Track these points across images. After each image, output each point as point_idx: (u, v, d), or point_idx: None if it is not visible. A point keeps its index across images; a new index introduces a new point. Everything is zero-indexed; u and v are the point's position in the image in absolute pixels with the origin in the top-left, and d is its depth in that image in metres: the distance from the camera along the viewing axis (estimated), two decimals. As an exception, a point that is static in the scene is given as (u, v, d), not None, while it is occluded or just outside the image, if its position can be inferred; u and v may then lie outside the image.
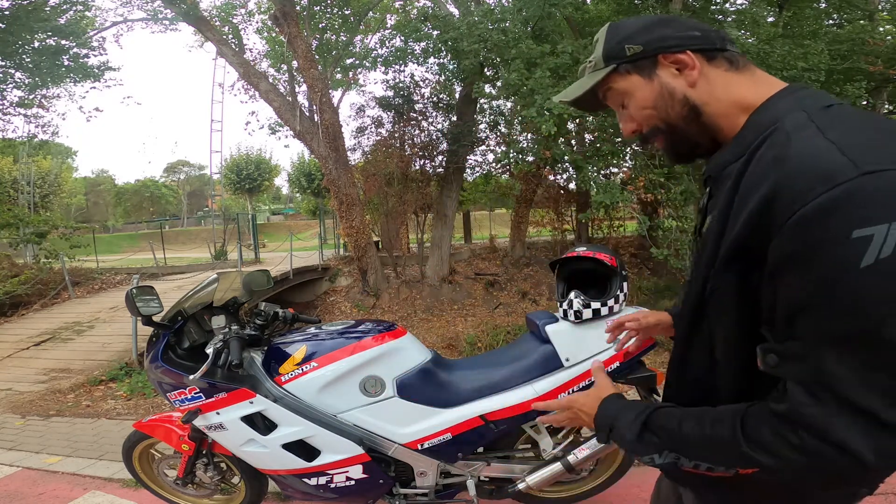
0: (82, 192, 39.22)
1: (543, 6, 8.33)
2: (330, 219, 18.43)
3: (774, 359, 0.58)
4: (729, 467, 0.63)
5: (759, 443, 0.58)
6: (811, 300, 0.53)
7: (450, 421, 1.77)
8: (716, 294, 0.64)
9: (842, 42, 9.10)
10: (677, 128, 0.71)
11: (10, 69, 10.67)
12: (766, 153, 0.59)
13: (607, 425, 0.79)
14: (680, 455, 0.67)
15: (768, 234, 0.54)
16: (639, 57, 0.71)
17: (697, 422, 0.65)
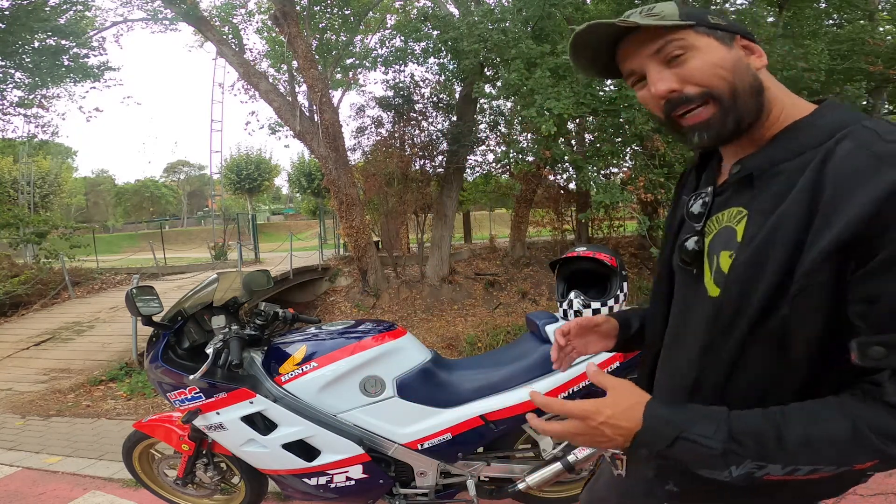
0: (82, 192, 39.22)
1: (543, 6, 8.34)
2: (330, 219, 18.43)
3: (880, 350, 0.57)
4: (842, 465, 0.61)
5: (885, 432, 0.58)
6: None
7: (450, 421, 1.77)
8: (806, 292, 0.61)
9: (842, 42, 9.09)
10: (741, 97, 0.68)
11: (10, 69, 10.67)
12: (856, 149, 0.59)
13: (672, 435, 0.64)
14: (769, 463, 0.61)
15: (887, 226, 0.55)
16: (720, 27, 0.70)
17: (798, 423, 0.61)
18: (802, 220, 0.61)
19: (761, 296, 0.64)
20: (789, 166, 0.65)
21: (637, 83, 0.75)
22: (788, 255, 0.61)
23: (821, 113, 0.67)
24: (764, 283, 0.64)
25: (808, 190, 0.61)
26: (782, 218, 0.63)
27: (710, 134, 0.69)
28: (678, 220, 0.85)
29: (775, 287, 0.63)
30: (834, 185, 0.59)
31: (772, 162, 0.67)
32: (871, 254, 0.56)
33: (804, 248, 0.60)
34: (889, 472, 2.33)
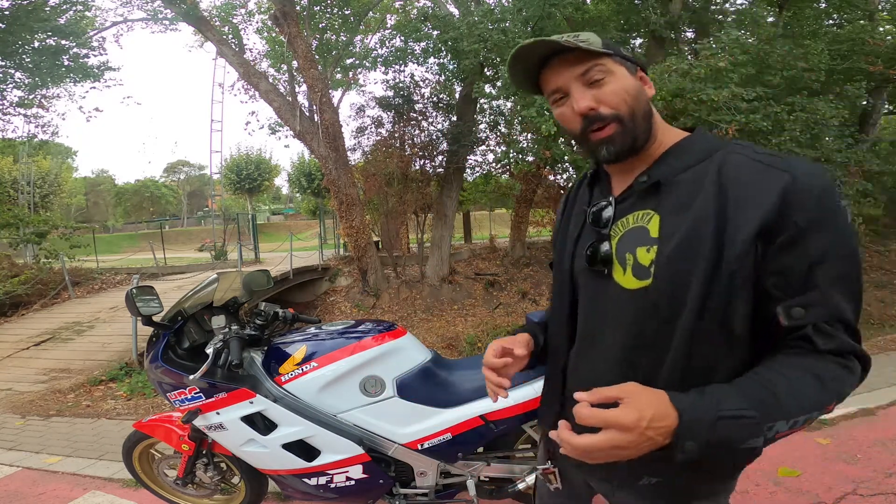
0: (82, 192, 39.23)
1: (543, 6, 8.34)
2: (330, 219, 18.43)
3: (800, 311, 0.70)
4: (819, 411, 0.70)
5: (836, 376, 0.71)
6: (825, 253, 0.70)
7: (450, 421, 1.77)
8: (738, 273, 0.72)
9: (842, 42, 9.09)
10: (637, 120, 0.81)
11: (10, 69, 10.67)
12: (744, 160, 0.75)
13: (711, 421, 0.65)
14: (776, 421, 0.67)
15: (790, 212, 0.69)
16: (628, 59, 0.84)
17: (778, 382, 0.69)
18: (717, 216, 0.73)
19: (700, 282, 0.73)
20: (685, 176, 0.79)
21: (558, 101, 0.85)
22: (715, 245, 0.72)
23: (695, 138, 0.83)
24: (699, 270, 0.73)
25: (714, 192, 0.74)
26: (700, 215, 0.74)
27: (614, 148, 0.81)
28: (578, 229, 0.93)
29: (710, 272, 0.72)
30: (738, 187, 0.73)
31: (673, 172, 0.80)
32: (778, 235, 0.70)
33: (726, 238, 0.72)
34: (889, 473, 2.33)
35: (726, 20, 10.71)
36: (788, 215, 0.69)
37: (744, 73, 7.42)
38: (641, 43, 12.06)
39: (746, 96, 6.88)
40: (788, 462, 2.50)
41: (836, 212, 0.70)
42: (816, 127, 7.38)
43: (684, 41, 11.65)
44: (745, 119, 6.83)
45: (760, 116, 6.88)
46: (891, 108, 12.64)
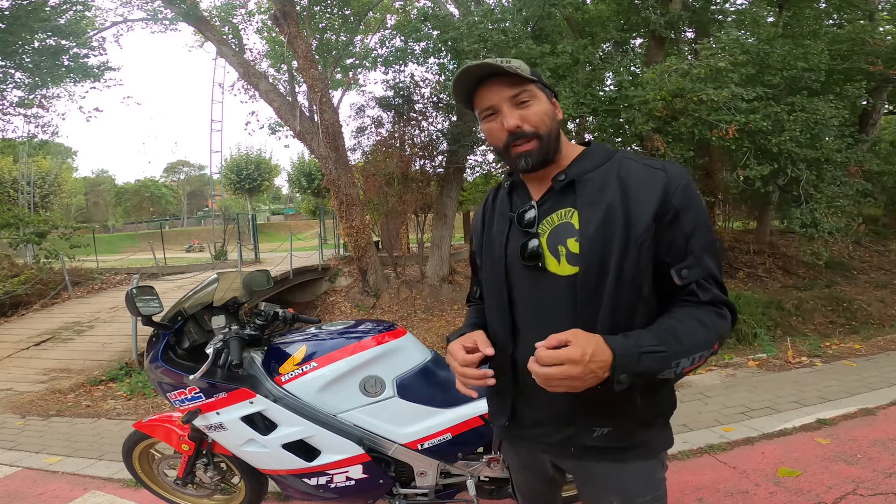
0: (82, 192, 39.24)
1: (543, 6, 8.34)
2: (330, 219, 18.43)
3: (686, 272, 0.92)
4: (709, 350, 0.90)
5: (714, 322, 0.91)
6: (695, 225, 0.92)
7: (450, 421, 1.77)
8: (643, 247, 0.91)
9: (842, 42, 9.09)
10: (551, 138, 0.98)
11: (10, 69, 10.67)
12: (633, 162, 0.97)
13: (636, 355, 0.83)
14: (681, 358, 0.86)
15: (669, 199, 0.91)
16: (547, 87, 1.01)
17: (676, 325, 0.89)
18: (622, 205, 0.92)
19: (616, 257, 0.91)
20: (592, 175, 0.97)
21: (487, 117, 1.00)
22: (624, 227, 0.91)
23: (595, 147, 1.03)
24: (615, 248, 0.91)
25: (618, 188, 0.93)
26: (609, 207, 0.92)
27: (532, 160, 0.98)
28: (505, 232, 1.06)
29: (623, 249, 0.91)
30: (635, 184, 0.93)
31: (583, 172, 0.98)
32: (664, 217, 0.91)
33: (631, 222, 0.91)
34: (889, 473, 2.33)
35: (726, 20, 10.71)
36: (669, 201, 0.91)
37: (744, 73, 7.42)
38: (641, 43, 12.06)
39: (746, 96, 6.88)
40: (788, 462, 2.50)
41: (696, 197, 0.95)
42: (816, 127, 7.38)
43: (684, 41, 11.66)
44: (745, 119, 6.83)
45: (760, 116, 6.88)
46: (891, 108, 12.64)
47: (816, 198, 7.48)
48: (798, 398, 3.31)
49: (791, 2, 10.51)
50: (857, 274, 11.38)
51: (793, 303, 9.66)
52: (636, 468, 1.01)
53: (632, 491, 1.02)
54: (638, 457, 1.00)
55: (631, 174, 0.94)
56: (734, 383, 3.74)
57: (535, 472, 1.15)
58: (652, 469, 1.03)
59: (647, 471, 1.02)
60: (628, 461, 1.00)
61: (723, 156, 10.31)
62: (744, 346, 7.39)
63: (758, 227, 14.22)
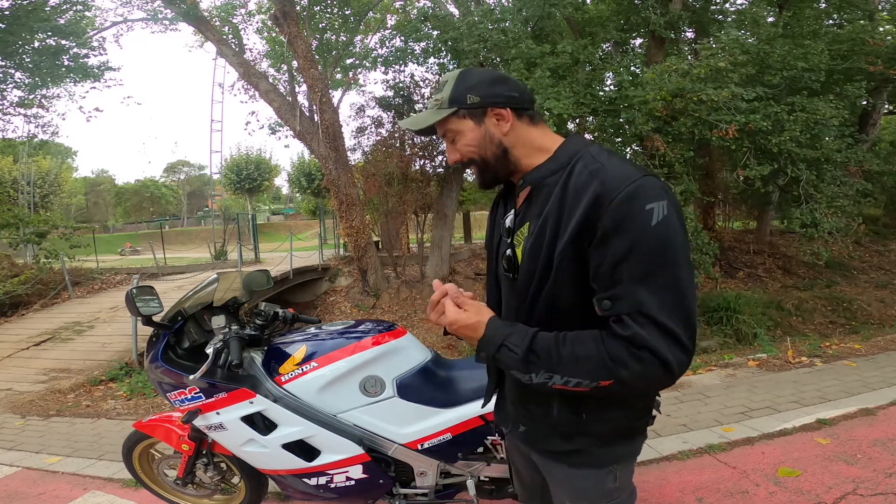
0: (82, 192, 39.22)
1: (543, 6, 8.33)
2: (330, 219, 18.42)
3: (608, 303, 0.83)
4: (592, 381, 0.84)
5: (616, 358, 0.81)
6: (627, 252, 0.80)
7: (450, 421, 1.77)
8: (563, 264, 0.87)
9: (842, 42, 9.09)
10: (489, 162, 0.99)
11: (10, 69, 10.66)
12: (583, 168, 0.88)
13: (497, 344, 0.90)
14: (553, 374, 0.86)
15: (599, 215, 0.81)
16: (475, 106, 0.96)
17: (570, 344, 0.86)
18: (556, 219, 0.87)
19: (539, 272, 0.90)
20: (551, 180, 0.92)
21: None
22: (553, 240, 0.87)
23: (566, 144, 0.97)
24: (540, 264, 0.90)
25: (559, 197, 0.88)
26: (547, 217, 0.89)
27: (481, 181, 1.03)
28: (498, 238, 1.08)
29: (545, 266, 0.89)
30: (571, 194, 0.86)
31: (541, 178, 0.94)
32: (592, 237, 0.83)
33: (557, 238, 0.86)
34: (889, 473, 2.33)
35: (726, 20, 10.71)
36: (595, 220, 0.82)
37: (744, 73, 7.42)
38: (641, 43, 12.06)
39: (746, 96, 6.88)
40: (788, 462, 2.50)
41: (637, 215, 0.80)
42: (816, 127, 7.38)
43: (684, 41, 11.66)
44: (745, 119, 6.83)
45: (760, 116, 6.87)
46: (891, 108, 12.64)
47: (816, 198, 7.48)
48: (798, 398, 3.31)
49: (791, 2, 10.51)
50: (857, 274, 11.38)
51: (793, 303, 9.66)
52: (585, 474, 1.02)
53: (582, 494, 1.03)
54: (584, 464, 1.01)
55: (574, 181, 0.87)
56: (734, 383, 3.74)
57: (531, 465, 1.17)
58: (602, 478, 1.01)
59: (597, 479, 1.01)
60: (576, 466, 1.01)
61: (723, 156, 10.30)
62: (744, 346, 7.39)
63: (758, 227, 14.23)
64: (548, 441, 1.01)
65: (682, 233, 0.83)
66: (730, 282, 10.83)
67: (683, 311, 0.80)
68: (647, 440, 1.12)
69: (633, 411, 1.00)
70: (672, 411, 3.23)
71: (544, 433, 1.01)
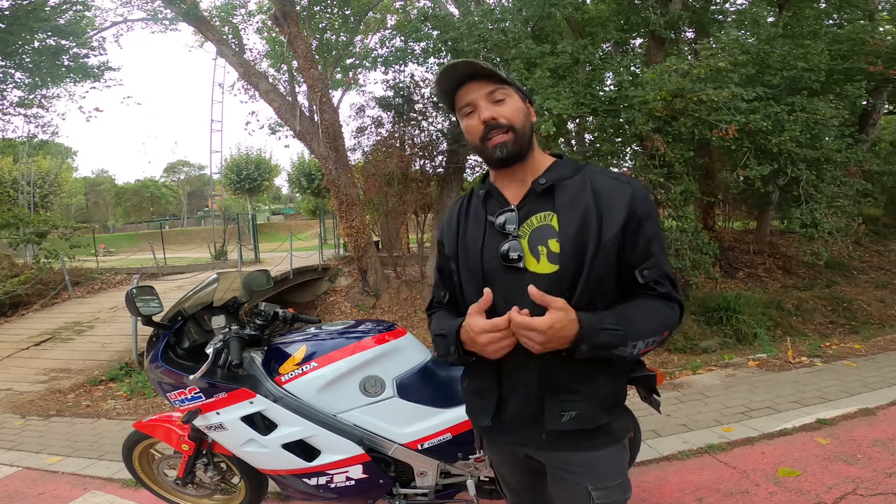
0: (82, 192, 39.21)
1: (543, 6, 8.33)
2: (330, 219, 18.42)
3: (648, 272, 1.05)
4: (660, 336, 1.04)
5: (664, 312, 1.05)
6: (654, 233, 1.06)
7: (450, 421, 1.77)
8: (612, 248, 1.02)
9: (842, 42, 9.09)
10: (525, 133, 1.10)
11: (10, 69, 10.66)
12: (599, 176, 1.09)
13: (598, 329, 0.97)
14: (639, 340, 1.00)
15: (636, 208, 1.04)
16: (523, 92, 1.15)
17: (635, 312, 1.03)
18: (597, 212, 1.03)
19: (590, 257, 1.02)
20: (569, 182, 1.08)
21: (468, 114, 1.10)
22: (598, 232, 1.02)
23: (566, 160, 1.15)
24: (590, 249, 1.02)
25: (592, 197, 1.05)
26: (586, 212, 1.03)
27: (507, 150, 1.08)
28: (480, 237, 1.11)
29: (595, 250, 1.02)
30: (606, 195, 1.05)
31: (561, 179, 1.09)
32: (630, 224, 1.03)
33: (603, 227, 1.02)
34: (889, 473, 2.33)
35: (726, 20, 10.70)
36: (635, 211, 1.04)
37: (744, 73, 7.42)
38: (641, 43, 12.06)
39: (746, 96, 6.87)
40: (788, 462, 2.50)
41: (654, 208, 1.09)
42: (816, 127, 7.38)
43: (684, 41, 11.65)
44: (745, 119, 6.83)
45: (760, 116, 6.87)
46: (891, 108, 12.64)
47: (816, 198, 7.47)
48: (798, 398, 3.31)
49: (791, 2, 10.50)
50: (857, 274, 11.38)
51: (793, 303, 9.66)
52: (607, 454, 1.11)
53: (604, 476, 1.10)
54: (606, 443, 1.10)
55: (603, 186, 1.06)
56: (734, 383, 3.74)
57: (519, 466, 1.22)
58: (620, 453, 1.13)
59: (617, 455, 1.12)
60: (599, 448, 1.10)
61: (723, 156, 10.30)
62: (744, 346, 7.39)
63: (758, 227, 14.22)
64: (597, 417, 1.08)
65: None
66: (730, 282, 10.83)
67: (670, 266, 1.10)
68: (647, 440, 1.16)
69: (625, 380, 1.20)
70: (672, 411, 3.23)
71: (595, 410, 1.08)
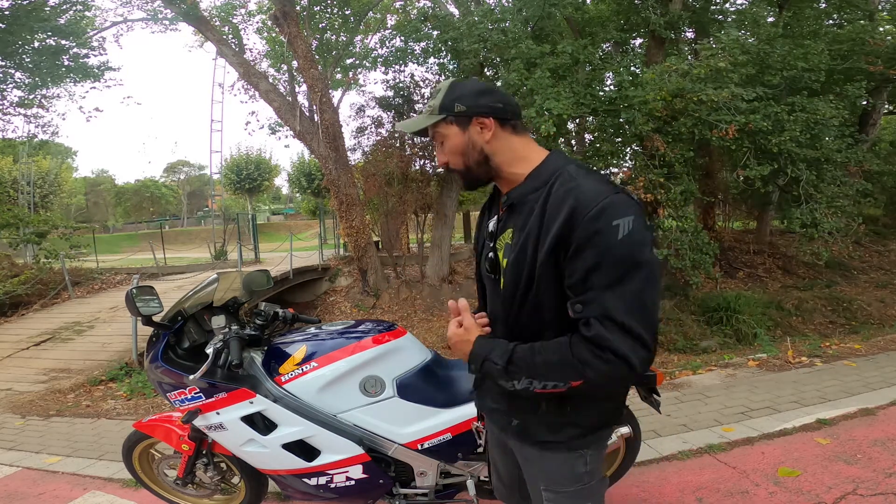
0: (82, 192, 39.20)
1: (543, 6, 8.33)
2: (330, 219, 18.41)
3: (579, 307, 0.92)
4: (565, 383, 0.95)
5: (583, 360, 0.91)
6: (596, 262, 0.89)
7: (450, 421, 1.77)
8: (544, 275, 0.96)
9: (842, 42, 9.09)
10: (472, 168, 1.09)
11: (10, 69, 10.66)
12: (560, 186, 0.97)
13: (482, 358, 1.03)
14: (533, 379, 0.97)
15: (573, 229, 0.91)
16: (461, 114, 1.06)
17: (543, 352, 0.96)
18: (537, 232, 0.96)
19: (523, 282, 0.99)
20: (532, 197, 1.01)
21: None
22: (534, 254, 0.96)
23: (548, 161, 1.05)
24: (524, 273, 0.99)
25: (540, 214, 0.97)
26: (529, 231, 0.98)
27: (464, 184, 1.15)
28: (482, 241, 1.18)
29: (528, 275, 0.98)
30: (550, 210, 0.95)
31: (525, 194, 1.04)
32: (567, 248, 0.92)
33: (538, 251, 0.96)
34: (889, 473, 2.33)
35: (726, 20, 10.71)
36: (570, 233, 0.91)
37: (744, 73, 7.42)
38: (641, 43, 12.05)
39: (746, 96, 6.88)
40: (788, 462, 2.50)
41: (606, 231, 0.89)
42: (816, 127, 7.38)
43: (684, 41, 11.65)
44: (745, 119, 6.83)
45: (760, 116, 6.87)
46: (891, 108, 12.64)
47: (816, 198, 7.48)
48: (798, 398, 3.31)
49: (791, 2, 10.50)
50: (857, 274, 11.38)
51: (793, 303, 9.66)
52: (555, 458, 1.11)
53: (554, 478, 1.13)
54: (553, 448, 1.10)
55: (553, 199, 0.97)
56: (734, 383, 3.73)
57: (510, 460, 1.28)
58: (573, 462, 1.11)
59: (567, 463, 1.11)
60: (547, 450, 1.11)
61: (723, 156, 10.30)
62: (744, 346, 7.40)
63: (758, 227, 14.22)
64: (538, 432, 1.10)
65: (646, 244, 0.92)
66: (730, 282, 10.84)
67: (645, 313, 0.90)
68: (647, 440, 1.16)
69: (613, 405, 1.12)
70: (672, 411, 3.23)
71: (535, 425, 1.10)
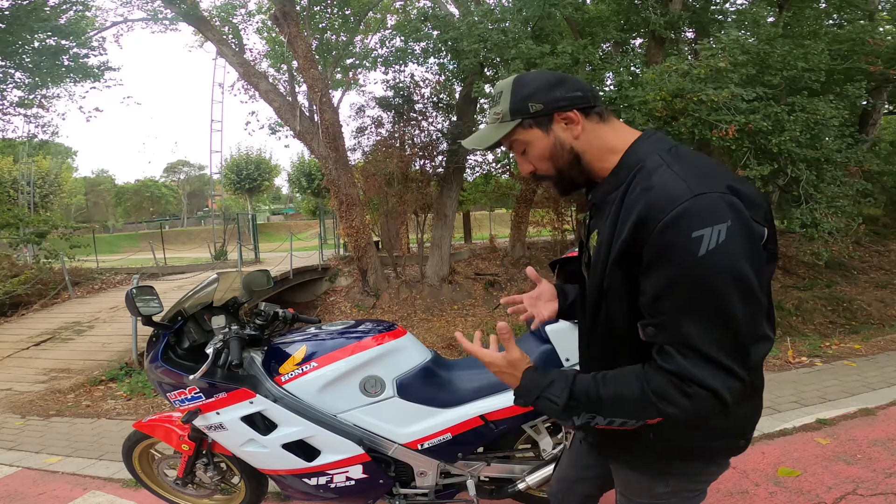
0: (82, 192, 39.22)
1: (543, 6, 8.33)
2: (330, 219, 18.42)
3: (651, 330, 0.80)
4: (638, 420, 0.81)
5: (665, 396, 0.77)
6: (668, 285, 0.75)
7: (450, 421, 1.77)
8: (613, 286, 0.84)
9: (842, 42, 9.09)
10: (564, 172, 0.93)
11: (10, 69, 10.67)
12: (636, 185, 0.82)
13: (535, 394, 0.88)
14: (596, 415, 0.83)
15: (643, 241, 0.77)
16: (539, 114, 0.89)
17: (612, 385, 0.82)
18: (610, 240, 0.84)
19: (594, 295, 0.89)
20: (613, 197, 0.87)
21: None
22: (604, 264, 0.84)
23: (630, 151, 0.89)
24: (594, 285, 0.88)
25: (613, 220, 0.84)
26: (602, 239, 0.86)
27: (558, 191, 0.99)
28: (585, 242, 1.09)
29: (598, 286, 0.87)
30: (623, 216, 0.82)
31: (605, 194, 0.90)
32: (640, 262, 0.78)
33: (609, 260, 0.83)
34: (889, 473, 2.33)
35: (726, 20, 10.71)
36: (640, 246, 0.78)
37: (744, 74, 7.42)
38: (641, 43, 12.06)
39: (746, 96, 6.88)
40: (788, 462, 2.50)
41: (683, 245, 0.73)
42: (816, 127, 7.38)
43: (684, 41, 11.65)
44: (745, 119, 6.83)
45: (760, 116, 6.87)
46: (891, 108, 12.64)
47: (816, 198, 7.48)
48: (798, 398, 3.31)
49: (791, 2, 10.50)
50: (857, 274, 11.38)
51: (793, 303, 9.66)
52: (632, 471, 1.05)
53: (629, 489, 1.08)
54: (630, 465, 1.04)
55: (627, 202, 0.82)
56: (734, 383, 3.73)
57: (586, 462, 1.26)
58: (649, 481, 1.02)
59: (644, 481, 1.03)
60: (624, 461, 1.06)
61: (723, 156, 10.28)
62: (744, 346, 7.38)
63: (758, 227, 14.19)
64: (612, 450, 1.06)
65: (741, 259, 0.73)
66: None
67: (733, 340, 0.74)
68: None
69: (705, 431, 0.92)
70: (672, 411, 3.23)
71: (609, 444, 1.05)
